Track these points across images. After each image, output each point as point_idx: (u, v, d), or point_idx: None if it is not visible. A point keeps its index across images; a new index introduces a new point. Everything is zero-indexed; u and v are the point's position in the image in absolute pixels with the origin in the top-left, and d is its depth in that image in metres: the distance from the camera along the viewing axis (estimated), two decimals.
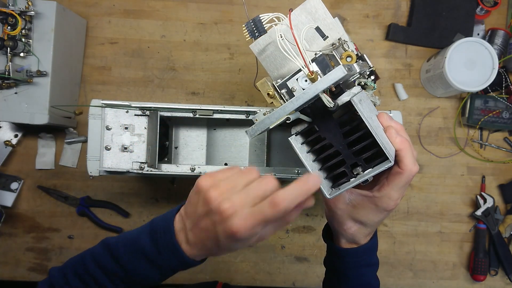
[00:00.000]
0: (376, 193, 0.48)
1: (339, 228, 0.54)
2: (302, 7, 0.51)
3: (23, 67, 0.80)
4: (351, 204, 0.51)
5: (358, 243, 0.54)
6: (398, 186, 0.47)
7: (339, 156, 0.47)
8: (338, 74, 0.38)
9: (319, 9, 0.50)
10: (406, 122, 0.99)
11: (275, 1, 0.99)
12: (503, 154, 0.99)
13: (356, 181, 0.45)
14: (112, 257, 0.48)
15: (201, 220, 0.42)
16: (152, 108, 0.72)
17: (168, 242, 0.45)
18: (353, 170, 0.46)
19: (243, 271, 0.97)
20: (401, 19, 1.00)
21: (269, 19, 0.44)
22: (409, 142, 0.47)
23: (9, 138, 0.94)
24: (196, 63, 0.98)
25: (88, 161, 0.73)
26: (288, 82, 0.45)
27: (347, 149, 0.46)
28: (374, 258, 0.56)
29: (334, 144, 0.46)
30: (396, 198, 0.48)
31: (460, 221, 0.99)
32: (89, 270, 0.49)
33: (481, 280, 0.96)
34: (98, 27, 0.98)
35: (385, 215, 0.51)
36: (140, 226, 0.50)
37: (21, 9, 0.79)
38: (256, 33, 0.45)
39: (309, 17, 0.51)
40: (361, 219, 0.51)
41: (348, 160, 0.46)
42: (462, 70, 0.89)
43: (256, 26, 0.45)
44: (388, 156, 0.42)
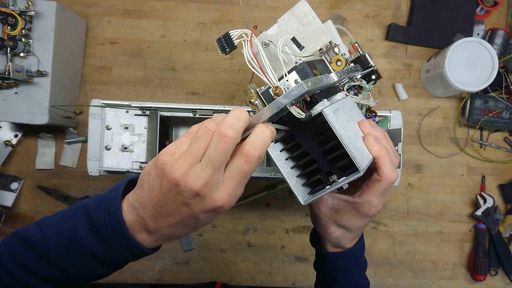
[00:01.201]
0: (357, 199, 0.49)
1: (323, 232, 0.54)
2: (291, 12, 0.51)
3: (23, 67, 0.80)
4: (333, 209, 0.51)
5: (344, 247, 0.54)
6: (378, 192, 0.47)
7: (315, 164, 0.47)
8: (299, 91, 0.38)
9: (307, 14, 0.50)
10: (406, 122, 0.99)
11: (275, 1, 0.99)
12: (503, 154, 0.99)
13: (330, 189, 0.45)
14: (42, 258, 0.42)
15: (169, 205, 0.38)
16: (152, 108, 0.72)
17: (120, 239, 0.40)
18: (329, 178, 0.47)
19: (243, 271, 0.97)
20: (401, 19, 1.00)
21: (238, 35, 0.44)
22: (388, 149, 0.47)
23: (9, 138, 0.94)
24: (196, 63, 0.98)
25: (88, 161, 0.73)
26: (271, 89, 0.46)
27: (323, 157, 0.47)
28: (362, 259, 0.56)
29: (309, 152, 0.47)
30: (377, 204, 0.48)
31: (460, 221, 0.99)
32: (14, 275, 0.42)
33: (481, 280, 0.96)
34: (98, 27, 0.98)
35: (368, 221, 0.51)
36: (63, 213, 0.44)
37: (21, 9, 0.79)
38: (227, 48, 0.46)
39: (297, 22, 0.51)
40: (344, 224, 0.51)
41: (324, 168, 0.47)
42: (462, 70, 0.89)
43: (227, 41, 0.45)
44: (358, 167, 0.43)
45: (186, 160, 0.37)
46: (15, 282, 0.43)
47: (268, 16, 0.99)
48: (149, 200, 0.39)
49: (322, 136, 0.46)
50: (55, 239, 0.42)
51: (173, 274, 0.95)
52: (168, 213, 0.39)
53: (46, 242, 0.42)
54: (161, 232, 0.41)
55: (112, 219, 0.40)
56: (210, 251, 0.96)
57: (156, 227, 0.40)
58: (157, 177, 0.38)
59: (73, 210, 0.43)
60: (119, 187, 0.43)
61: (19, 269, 0.42)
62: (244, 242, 0.97)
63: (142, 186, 0.40)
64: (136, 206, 0.40)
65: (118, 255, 0.42)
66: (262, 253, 0.97)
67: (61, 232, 0.42)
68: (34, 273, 0.42)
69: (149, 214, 0.40)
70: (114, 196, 0.42)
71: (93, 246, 0.41)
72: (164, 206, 0.39)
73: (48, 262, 0.42)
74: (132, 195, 0.41)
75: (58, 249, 0.42)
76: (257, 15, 0.99)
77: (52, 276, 0.43)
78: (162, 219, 0.40)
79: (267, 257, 0.97)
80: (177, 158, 0.37)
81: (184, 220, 0.39)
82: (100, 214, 0.41)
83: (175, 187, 0.37)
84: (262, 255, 0.97)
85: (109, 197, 0.42)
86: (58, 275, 0.43)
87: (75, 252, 0.41)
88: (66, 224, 0.42)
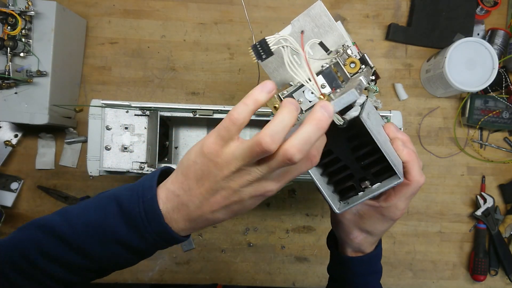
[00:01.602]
0: (383, 203, 0.48)
1: (345, 237, 0.54)
2: (306, 13, 0.50)
3: (23, 67, 0.80)
4: (358, 214, 0.51)
5: (364, 251, 0.54)
6: (405, 196, 0.47)
7: (347, 170, 0.46)
8: (350, 98, 0.37)
9: (323, 16, 0.49)
10: (406, 122, 0.99)
11: (275, 1, 0.99)
12: (503, 154, 0.99)
13: (366, 197, 0.45)
14: (71, 248, 0.42)
15: (220, 193, 0.39)
16: (152, 108, 0.72)
17: (155, 227, 0.41)
18: (361, 184, 0.46)
19: (243, 271, 0.97)
20: (401, 19, 1.00)
21: (276, 41, 0.43)
22: (416, 153, 0.47)
23: (9, 138, 0.94)
24: (196, 63, 0.98)
25: (88, 161, 0.73)
26: (294, 94, 0.45)
27: (356, 163, 0.46)
28: (379, 265, 0.57)
29: (342, 158, 0.46)
30: (403, 208, 0.48)
31: (460, 221, 0.99)
32: (38, 265, 0.42)
33: (481, 280, 0.96)
34: (98, 27, 0.98)
35: (391, 224, 0.52)
36: (89, 204, 0.43)
37: (21, 9, 0.79)
38: (263, 55, 0.45)
39: (312, 23, 0.50)
40: (367, 228, 0.51)
41: (357, 174, 0.46)
42: (462, 70, 0.89)
43: (263, 48, 0.44)
44: (398, 174, 0.42)
45: (242, 157, 0.36)
46: (39, 272, 0.43)
47: (268, 16, 0.99)
48: (197, 187, 0.39)
49: (355, 141, 0.45)
50: (83, 228, 0.42)
51: (173, 274, 0.95)
52: (217, 200, 0.39)
53: (74, 232, 0.42)
54: (202, 218, 0.41)
55: (148, 208, 0.40)
56: (210, 251, 0.96)
57: (199, 214, 0.41)
58: (207, 165, 0.38)
59: (100, 199, 0.43)
60: (152, 177, 0.43)
61: (43, 259, 0.42)
62: (244, 242, 0.97)
63: (188, 174, 0.40)
64: (179, 193, 0.40)
65: (150, 243, 0.42)
66: (262, 253, 0.97)
67: (90, 221, 0.42)
68: (60, 262, 0.42)
69: (195, 201, 0.40)
70: (148, 185, 0.42)
71: (125, 235, 0.41)
72: (214, 193, 0.39)
73: (76, 251, 0.42)
74: (174, 183, 0.41)
75: (88, 239, 0.42)
76: (257, 15, 0.99)
77: (79, 265, 0.43)
78: (208, 206, 0.40)
79: (267, 257, 0.97)
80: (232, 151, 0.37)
81: (230, 205, 0.40)
82: (133, 203, 0.41)
83: (230, 176, 0.37)
84: (262, 255, 0.97)
85: (143, 186, 0.42)
86: (85, 263, 0.43)
87: (105, 241, 0.42)
88: (95, 214, 0.42)
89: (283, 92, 0.45)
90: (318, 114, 0.35)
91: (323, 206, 0.98)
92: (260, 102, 0.37)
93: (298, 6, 0.99)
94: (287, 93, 0.46)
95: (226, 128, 0.37)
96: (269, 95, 0.38)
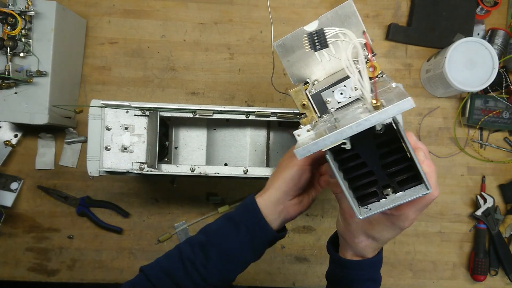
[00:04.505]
0: (394, 211, 0.48)
1: (350, 240, 0.54)
2: (335, 11, 0.48)
3: (23, 67, 0.80)
4: (367, 219, 0.51)
5: (365, 256, 0.54)
6: (417, 207, 0.47)
7: (371, 176, 0.46)
8: (405, 106, 0.36)
9: (352, 15, 0.48)
10: (406, 122, 0.99)
11: (275, 1, 0.99)
12: (503, 154, 0.99)
13: (392, 205, 0.44)
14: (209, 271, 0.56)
15: None
16: (152, 108, 0.72)
17: (250, 209, 0.58)
18: (383, 191, 0.46)
19: (243, 271, 0.96)
20: (401, 19, 1.00)
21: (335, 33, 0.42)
22: (434, 165, 0.46)
23: (9, 138, 0.94)
24: (196, 63, 0.98)
25: (88, 161, 0.73)
26: (322, 93, 0.44)
27: (381, 170, 0.46)
28: (378, 274, 0.56)
29: (368, 163, 0.46)
30: (413, 218, 0.48)
31: (460, 221, 0.99)
32: (191, 277, 0.56)
33: (481, 280, 0.96)
34: (98, 27, 0.98)
35: (398, 233, 0.51)
36: (229, 230, 0.58)
37: (21, 9, 0.79)
38: (318, 45, 0.44)
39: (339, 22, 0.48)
40: (374, 234, 0.51)
41: (381, 181, 0.46)
42: (462, 70, 0.89)
43: (319, 38, 0.43)
44: (427, 185, 0.42)
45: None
46: (190, 281, 0.56)
47: (268, 16, 0.99)
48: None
49: (385, 148, 0.45)
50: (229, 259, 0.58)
51: None
52: None
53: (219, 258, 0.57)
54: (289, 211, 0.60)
55: (249, 205, 0.59)
56: None
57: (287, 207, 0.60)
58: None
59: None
60: (260, 219, 0.59)
61: (195, 273, 0.56)
62: None
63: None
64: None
65: (246, 226, 0.58)
66: None
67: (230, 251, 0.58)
68: (203, 278, 0.56)
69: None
70: (262, 223, 0.58)
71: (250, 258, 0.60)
72: None
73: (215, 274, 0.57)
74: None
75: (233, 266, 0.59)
76: (257, 15, 0.99)
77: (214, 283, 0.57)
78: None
79: (267, 257, 0.97)
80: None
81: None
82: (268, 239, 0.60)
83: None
84: (262, 255, 0.97)
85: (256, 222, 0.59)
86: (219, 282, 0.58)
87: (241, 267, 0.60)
88: (233, 242, 0.58)
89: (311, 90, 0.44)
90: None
91: (323, 206, 0.98)
92: None
93: (298, 6, 0.99)
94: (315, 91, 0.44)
95: None
96: None
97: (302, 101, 0.44)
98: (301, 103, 0.45)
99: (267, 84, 0.96)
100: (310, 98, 0.44)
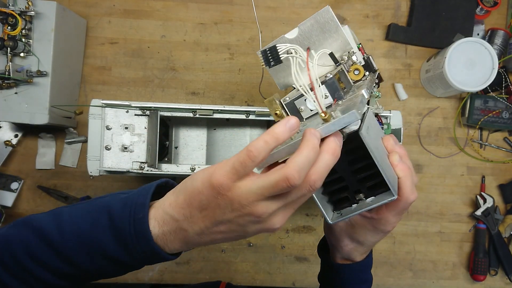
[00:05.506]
0: (374, 215, 0.48)
1: (335, 244, 0.54)
2: (313, 18, 0.49)
3: (23, 67, 0.80)
4: (350, 223, 0.51)
5: (353, 260, 0.54)
6: (396, 211, 0.47)
7: (343, 182, 0.46)
8: (350, 119, 0.37)
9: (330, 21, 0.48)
10: (406, 122, 0.99)
11: (275, 1, 0.99)
12: (503, 154, 0.99)
13: (360, 210, 0.45)
14: (57, 255, 0.41)
15: (225, 225, 0.39)
16: (152, 108, 0.72)
17: (144, 247, 0.40)
18: (356, 196, 0.46)
19: (243, 271, 0.97)
20: (401, 19, 1.01)
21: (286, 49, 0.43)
22: (410, 169, 0.46)
23: (9, 138, 0.94)
24: (196, 63, 0.98)
25: (88, 161, 0.73)
26: (296, 101, 0.44)
27: (352, 176, 0.46)
28: (369, 275, 0.57)
29: (338, 170, 0.46)
30: (393, 222, 0.48)
31: (460, 221, 0.99)
32: (25, 266, 0.42)
33: (481, 280, 0.96)
34: (98, 27, 0.98)
35: (382, 236, 0.51)
36: (83, 210, 0.43)
37: (21, 9, 0.79)
38: (272, 61, 0.44)
39: (318, 28, 0.49)
40: (358, 238, 0.51)
41: (352, 187, 0.46)
42: (462, 70, 0.89)
43: (272, 54, 0.44)
44: (392, 191, 0.42)
45: (258, 192, 0.36)
46: (26, 273, 0.42)
47: (268, 16, 0.99)
48: (200, 216, 0.39)
49: (353, 155, 0.45)
50: (73, 236, 0.41)
51: (173, 274, 0.95)
52: (219, 230, 0.39)
53: (63, 238, 0.41)
54: (200, 243, 0.41)
55: (138, 227, 0.40)
56: (210, 251, 0.96)
57: (197, 240, 0.40)
58: (214, 198, 0.37)
59: (94, 208, 0.42)
60: (146, 192, 0.42)
61: (31, 261, 0.41)
62: (244, 242, 0.97)
63: (191, 202, 0.39)
64: (179, 219, 0.39)
65: (138, 260, 0.42)
66: (262, 253, 0.97)
67: (80, 230, 0.41)
68: (47, 267, 0.42)
69: (196, 228, 0.39)
70: (141, 202, 0.41)
71: (113, 250, 0.40)
72: (218, 224, 0.39)
73: (63, 258, 0.41)
74: (173, 207, 0.40)
75: (76, 248, 0.41)
76: (257, 15, 0.99)
77: (66, 272, 0.42)
78: (209, 234, 0.40)
79: (267, 257, 0.97)
80: (247, 186, 0.36)
81: (232, 236, 0.40)
82: (124, 220, 0.40)
83: (237, 212, 0.37)
84: (262, 255, 0.97)
85: (136, 202, 0.41)
86: (71, 271, 0.42)
87: (93, 252, 0.41)
88: (86, 223, 0.41)
89: (285, 99, 0.45)
90: (333, 145, 0.37)
91: None
92: (281, 139, 0.36)
93: (298, 6, 0.99)
94: (289, 99, 0.45)
95: (242, 163, 0.36)
96: (291, 133, 0.36)
97: (275, 111, 0.44)
98: (274, 112, 0.45)
99: (267, 84, 0.96)
100: (285, 106, 0.45)
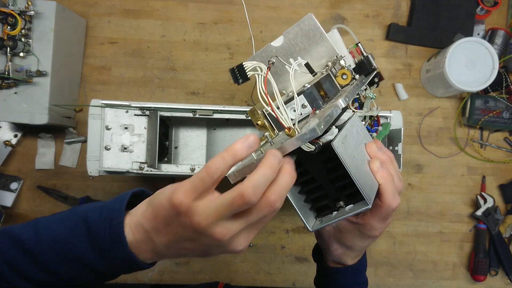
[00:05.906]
0: (360, 220, 0.48)
1: (326, 248, 0.54)
2: (298, 25, 0.50)
3: (23, 67, 0.80)
4: (337, 228, 0.51)
5: (345, 264, 0.54)
6: (379, 217, 0.47)
7: (322, 190, 0.47)
8: (312, 135, 0.37)
9: (314, 28, 0.50)
10: (406, 122, 0.99)
11: (275, 1, 0.99)
12: (503, 154, 0.99)
13: (338, 218, 0.45)
14: (34, 263, 0.41)
15: (187, 243, 0.38)
16: (152, 108, 0.72)
17: (120, 253, 0.40)
18: (336, 204, 0.47)
19: (243, 271, 0.97)
20: (401, 19, 1.00)
21: (252, 67, 0.43)
22: (393, 175, 0.46)
23: (9, 138, 0.94)
24: (196, 63, 0.98)
25: (88, 161, 0.73)
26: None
27: (330, 184, 0.46)
28: (363, 277, 0.57)
29: (317, 179, 0.46)
30: (379, 227, 0.48)
31: (460, 221, 0.99)
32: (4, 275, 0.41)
33: (481, 280, 0.96)
34: (98, 27, 0.98)
35: (370, 241, 0.51)
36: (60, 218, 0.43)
37: (21, 9, 0.79)
38: (240, 79, 0.45)
39: (303, 36, 0.50)
40: (346, 243, 0.51)
41: (331, 195, 0.47)
42: (462, 70, 0.89)
43: (240, 72, 0.45)
44: (366, 200, 0.42)
45: (217, 212, 0.35)
46: (4, 282, 0.42)
47: (268, 16, 0.99)
48: (164, 231, 0.38)
49: (330, 164, 0.45)
50: (50, 244, 0.41)
51: (173, 274, 0.95)
52: (184, 246, 0.39)
53: (40, 247, 0.41)
54: (167, 255, 0.41)
55: (114, 233, 0.39)
56: None
57: (166, 252, 0.40)
58: (175, 216, 0.36)
59: (71, 216, 0.43)
60: (122, 199, 0.42)
61: (8, 269, 0.41)
62: None
63: (156, 216, 0.38)
64: (148, 229, 0.39)
65: (114, 268, 0.42)
66: (262, 253, 0.97)
67: (57, 238, 0.41)
68: (24, 275, 0.41)
69: (163, 241, 0.39)
70: (117, 208, 0.41)
71: (89, 257, 0.40)
72: (182, 241, 0.38)
73: (40, 267, 0.41)
74: (144, 217, 0.40)
75: (52, 256, 0.41)
76: (257, 15, 0.99)
77: (42, 281, 0.42)
78: (175, 249, 0.39)
79: (267, 257, 0.97)
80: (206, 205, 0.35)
81: (198, 254, 0.40)
82: (100, 226, 0.40)
83: (198, 232, 0.36)
84: (262, 255, 0.97)
85: (112, 209, 0.41)
86: (49, 280, 0.42)
87: (70, 260, 0.41)
88: (63, 231, 0.41)
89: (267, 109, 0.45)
90: (288, 165, 0.36)
91: None
92: (239, 156, 0.35)
93: (298, 6, 0.99)
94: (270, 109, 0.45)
95: (201, 180, 0.35)
96: (250, 150, 0.36)
97: (257, 121, 0.45)
98: (256, 122, 0.45)
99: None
100: (267, 115, 0.45)
